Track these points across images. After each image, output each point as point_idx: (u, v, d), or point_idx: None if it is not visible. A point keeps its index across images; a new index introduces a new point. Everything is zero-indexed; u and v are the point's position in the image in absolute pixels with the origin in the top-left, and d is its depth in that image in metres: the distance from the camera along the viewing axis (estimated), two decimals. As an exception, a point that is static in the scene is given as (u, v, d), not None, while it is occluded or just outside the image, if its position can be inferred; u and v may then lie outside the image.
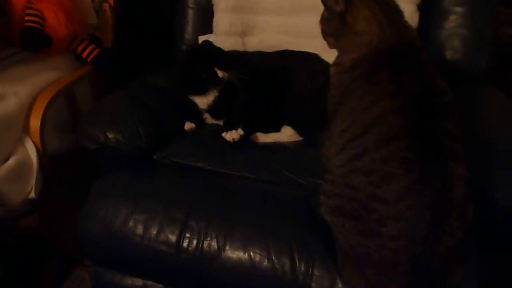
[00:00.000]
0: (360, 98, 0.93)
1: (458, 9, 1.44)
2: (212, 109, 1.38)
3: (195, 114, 1.40)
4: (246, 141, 1.29)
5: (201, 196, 1.12)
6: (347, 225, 0.89)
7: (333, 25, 1.02)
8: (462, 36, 1.44)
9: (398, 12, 1.00)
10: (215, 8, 1.56)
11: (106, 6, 1.65)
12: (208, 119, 1.41)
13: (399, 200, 0.82)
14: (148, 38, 1.84)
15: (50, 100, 1.38)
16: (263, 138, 1.33)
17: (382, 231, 0.83)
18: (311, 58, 1.44)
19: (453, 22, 1.44)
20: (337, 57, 1.06)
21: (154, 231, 1.07)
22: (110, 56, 1.65)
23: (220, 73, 1.31)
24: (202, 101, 1.37)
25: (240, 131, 1.27)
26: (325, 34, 1.06)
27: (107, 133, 1.22)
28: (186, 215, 1.07)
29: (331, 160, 0.97)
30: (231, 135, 1.26)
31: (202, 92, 1.35)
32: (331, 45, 1.07)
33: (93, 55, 1.58)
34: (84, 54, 1.58)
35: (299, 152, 1.29)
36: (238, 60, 1.41)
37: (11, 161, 1.30)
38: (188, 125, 1.38)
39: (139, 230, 1.08)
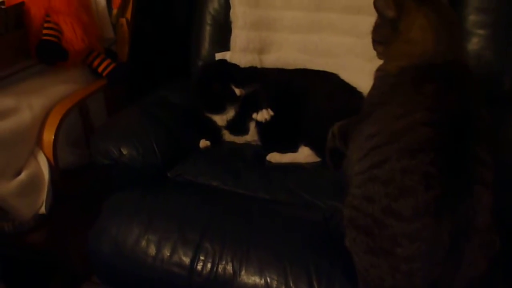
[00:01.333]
0: (398, 104, 0.90)
1: (481, 31, 1.41)
2: (231, 126, 1.35)
3: (212, 131, 1.37)
4: (263, 160, 1.26)
5: (216, 216, 1.09)
6: (358, 240, 0.85)
7: (383, 32, 0.99)
8: (485, 59, 1.41)
9: (458, 28, 0.98)
10: (233, 25, 1.55)
11: (123, 20, 1.65)
12: (226, 135, 1.39)
13: (415, 218, 0.78)
14: (165, 53, 1.83)
15: (64, 114, 1.37)
16: (280, 158, 1.30)
17: (396, 251, 0.79)
18: (331, 78, 1.41)
19: (475, 45, 1.41)
20: (383, 63, 1.02)
21: (167, 252, 1.04)
22: (125, 71, 1.64)
23: (237, 91, 1.29)
24: (221, 118, 1.35)
25: (270, 111, 1.28)
26: (375, 42, 1.03)
27: (121, 149, 1.20)
28: (200, 236, 1.04)
29: (352, 166, 0.93)
30: (262, 115, 1.27)
31: (220, 110, 1.33)
32: (380, 55, 1.03)
33: (108, 69, 1.57)
34: (100, 69, 1.57)
35: (316, 173, 1.25)
36: (256, 76, 1.39)
37: (23, 175, 1.29)
38: (203, 143, 1.35)
39: (152, 250, 1.05)
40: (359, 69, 1.41)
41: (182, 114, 1.41)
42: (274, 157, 1.29)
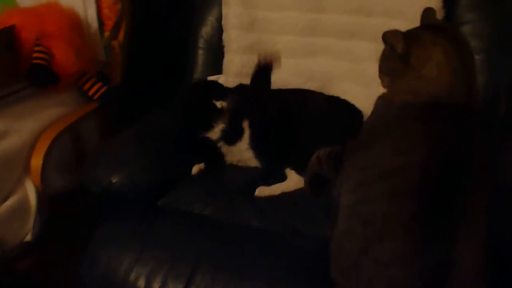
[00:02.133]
0: (396, 140, 0.83)
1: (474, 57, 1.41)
2: (225, 138, 1.33)
3: (207, 151, 1.35)
4: (255, 188, 1.24)
5: (207, 247, 1.07)
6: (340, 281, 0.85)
7: (392, 64, 0.88)
8: (478, 84, 1.41)
9: (473, 62, 0.87)
10: (226, 49, 1.54)
11: (115, 43, 1.65)
12: (223, 158, 1.37)
13: (391, 265, 0.76)
14: (157, 76, 1.83)
15: (53, 139, 1.35)
16: (269, 191, 1.24)
17: None
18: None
19: (469, 70, 1.41)
20: (388, 93, 0.93)
21: (156, 286, 1.01)
22: (116, 94, 1.63)
23: (218, 104, 1.28)
24: (213, 133, 1.33)
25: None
26: (381, 73, 0.92)
27: (112, 177, 1.18)
28: (192, 269, 1.02)
29: (342, 196, 0.89)
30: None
31: (208, 127, 1.31)
32: (385, 85, 0.93)
33: (99, 93, 1.56)
34: (91, 92, 1.57)
35: (308, 201, 1.21)
36: (242, 91, 1.39)
37: (9, 202, 1.27)
38: (196, 169, 1.33)
39: (141, 283, 1.02)
40: (354, 93, 1.41)
41: (174, 138, 1.39)
42: (263, 192, 1.24)
